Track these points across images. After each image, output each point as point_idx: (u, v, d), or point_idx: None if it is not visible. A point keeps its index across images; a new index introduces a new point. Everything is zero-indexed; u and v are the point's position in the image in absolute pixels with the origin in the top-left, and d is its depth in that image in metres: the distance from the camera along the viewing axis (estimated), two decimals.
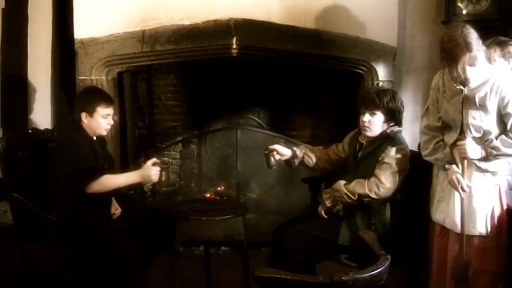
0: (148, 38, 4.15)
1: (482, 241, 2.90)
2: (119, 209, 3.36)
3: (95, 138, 3.25)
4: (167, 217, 3.31)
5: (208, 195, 4.84)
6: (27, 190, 3.16)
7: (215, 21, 4.12)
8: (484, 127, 2.84)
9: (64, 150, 3.13)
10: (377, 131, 3.20)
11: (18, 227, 3.17)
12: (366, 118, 3.20)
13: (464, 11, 4.10)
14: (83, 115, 3.17)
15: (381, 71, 4.18)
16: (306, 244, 3.12)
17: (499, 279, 2.94)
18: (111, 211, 3.32)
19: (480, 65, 2.81)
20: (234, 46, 4.16)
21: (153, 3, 4.13)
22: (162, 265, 3.32)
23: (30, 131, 3.57)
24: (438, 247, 3.06)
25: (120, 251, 2.98)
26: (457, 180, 2.86)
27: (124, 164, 4.74)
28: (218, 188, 4.96)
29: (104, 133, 3.29)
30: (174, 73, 5.04)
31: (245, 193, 4.98)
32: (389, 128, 3.20)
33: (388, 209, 3.18)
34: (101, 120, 3.19)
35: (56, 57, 4.67)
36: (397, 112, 3.20)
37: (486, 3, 4.08)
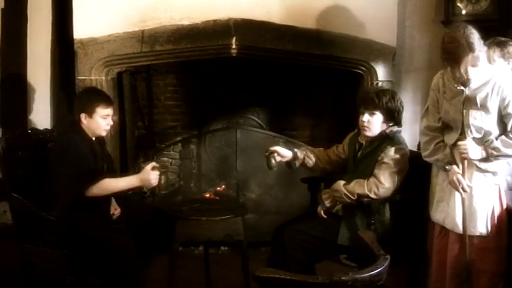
0: (147, 38, 4.14)
1: (482, 241, 2.91)
2: (118, 209, 3.36)
3: (94, 138, 3.25)
4: (166, 217, 3.31)
5: (207, 195, 4.84)
6: (26, 190, 3.16)
7: (215, 21, 4.12)
8: (485, 127, 2.84)
9: (63, 151, 3.12)
10: (376, 131, 3.21)
11: (17, 227, 3.17)
12: (365, 118, 3.20)
13: (463, 11, 4.10)
14: (82, 116, 3.17)
15: (380, 71, 4.18)
16: (305, 244, 3.12)
17: (499, 279, 2.94)
18: (110, 211, 3.32)
19: (481, 66, 2.81)
20: (234, 46, 4.15)
21: (153, 3, 4.12)
22: (162, 265, 3.32)
23: (29, 131, 3.57)
24: (438, 247, 3.06)
25: (119, 251, 2.98)
26: (458, 180, 2.86)
27: (123, 164, 4.74)
28: (218, 188, 4.95)
29: (104, 134, 3.29)
30: (174, 73, 5.03)
31: (244, 193, 4.97)
32: (388, 128, 3.21)
33: (388, 209, 3.18)
34: (101, 120, 3.19)
35: (56, 57, 4.66)
36: (397, 112, 3.20)
37: (485, 3, 4.07)
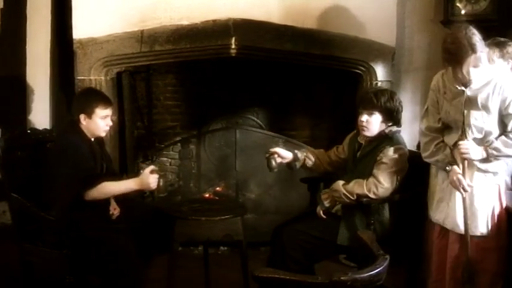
0: (147, 38, 4.14)
1: (482, 241, 2.91)
2: (118, 209, 3.36)
3: (93, 139, 3.24)
4: (166, 217, 3.31)
5: (207, 195, 4.84)
6: (25, 190, 3.16)
7: (214, 21, 4.12)
8: (486, 128, 2.84)
9: (63, 152, 3.12)
10: (375, 131, 3.21)
11: (16, 227, 3.16)
12: (364, 118, 3.20)
13: (462, 11, 4.09)
14: (82, 117, 3.16)
15: (380, 71, 4.17)
16: (305, 244, 3.12)
17: (498, 278, 2.95)
18: (109, 211, 3.32)
19: (483, 66, 2.80)
20: (233, 46, 4.15)
21: (152, 3, 4.12)
22: (161, 265, 3.33)
23: (28, 131, 3.57)
24: (438, 247, 3.06)
25: (119, 251, 2.98)
26: (458, 180, 2.85)
27: (123, 164, 4.74)
28: (217, 188, 4.95)
29: (103, 134, 3.29)
30: (173, 73, 5.03)
31: (244, 193, 4.97)
32: (387, 128, 3.21)
33: (387, 209, 3.19)
34: (100, 121, 3.18)
35: (55, 57, 4.65)
36: (395, 112, 3.20)
37: (485, 3, 4.06)
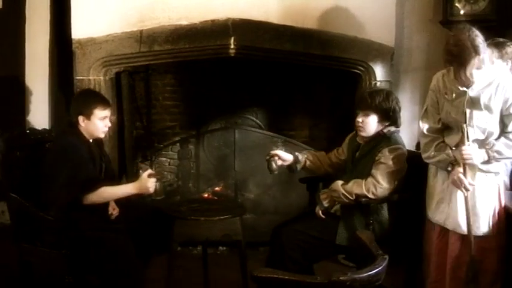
0: (146, 38, 4.14)
1: (483, 241, 2.90)
2: (117, 209, 3.36)
3: (91, 140, 3.24)
4: (165, 217, 3.30)
5: (206, 195, 4.84)
6: (24, 190, 3.15)
7: (213, 21, 4.12)
8: (489, 128, 2.84)
9: (62, 153, 3.10)
10: (371, 131, 3.20)
11: (15, 227, 3.16)
12: (360, 118, 3.21)
13: (461, 11, 4.09)
14: (80, 118, 3.16)
15: (379, 71, 4.18)
16: (304, 244, 3.12)
17: (498, 277, 2.95)
18: (108, 211, 3.32)
19: (485, 67, 2.80)
20: (232, 46, 4.15)
21: (151, 3, 4.12)
22: (160, 265, 3.32)
23: (27, 131, 3.56)
24: (437, 248, 3.05)
25: (118, 251, 2.98)
26: (460, 180, 2.84)
27: (122, 165, 4.74)
28: (216, 188, 4.95)
29: (102, 135, 3.28)
30: (172, 73, 5.03)
31: (243, 193, 4.97)
32: (386, 128, 3.20)
33: (386, 209, 3.18)
34: (99, 122, 3.18)
35: (54, 57, 4.66)
36: (391, 112, 3.18)
37: (484, 3, 4.06)
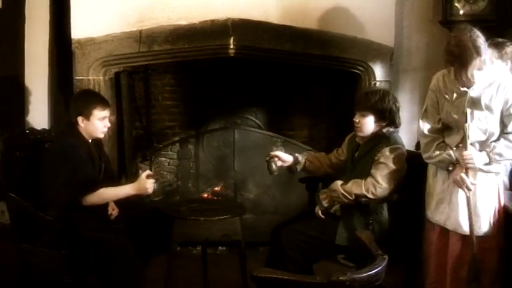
0: (145, 38, 4.14)
1: (483, 241, 2.90)
2: (116, 209, 3.36)
3: (91, 140, 3.24)
4: (164, 217, 3.30)
5: (205, 195, 4.83)
6: (24, 190, 3.15)
7: (212, 21, 4.12)
8: (490, 129, 2.83)
9: (61, 154, 3.09)
10: (368, 131, 3.20)
11: (15, 227, 3.16)
12: (356, 119, 3.21)
13: (461, 11, 4.09)
14: (80, 119, 3.15)
15: (378, 71, 4.18)
16: (303, 244, 3.12)
17: (499, 277, 2.95)
18: (108, 211, 3.32)
19: (486, 68, 2.79)
20: (231, 46, 4.15)
21: (150, 3, 4.12)
22: (160, 265, 3.32)
23: (27, 131, 3.56)
24: (437, 248, 3.05)
25: (117, 252, 2.98)
26: (462, 179, 2.84)
27: (121, 165, 4.74)
28: (215, 188, 4.95)
29: (101, 136, 3.28)
30: (171, 73, 5.03)
31: (242, 193, 4.97)
32: (385, 128, 3.20)
33: (385, 209, 3.18)
34: (98, 123, 3.17)
35: (53, 57, 4.66)
36: (388, 112, 3.17)
37: (483, 3, 4.06)
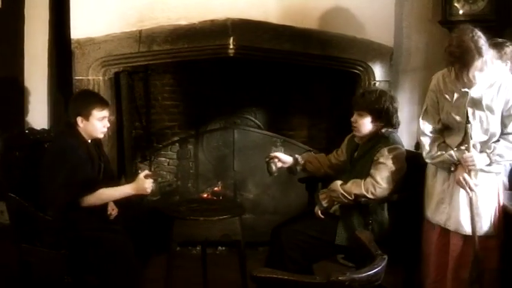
0: (145, 38, 4.14)
1: (484, 240, 2.91)
2: (116, 209, 3.36)
3: (90, 140, 3.24)
4: (164, 217, 3.30)
5: (205, 195, 4.82)
6: (23, 190, 3.15)
7: (212, 21, 4.12)
8: (491, 129, 2.83)
9: (61, 154, 3.09)
10: (364, 131, 3.20)
11: (14, 227, 3.16)
12: (353, 118, 3.22)
13: (460, 11, 4.09)
14: (79, 119, 3.15)
15: (378, 71, 4.18)
16: (303, 244, 3.12)
17: (499, 276, 2.96)
18: (107, 211, 3.32)
19: (487, 68, 2.78)
20: (231, 46, 4.15)
21: (150, 3, 4.12)
22: (159, 265, 3.32)
23: (26, 131, 3.56)
24: (438, 248, 3.05)
25: (116, 252, 2.98)
26: (465, 180, 2.84)
27: (121, 165, 4.74)
28: (215, 188, 4.94)
29: (101, 136, 3.28)
30: (171, 73, 5.03)
31: (242, 193, 4.97)
32: (384, 128, 3.20)
33: (385, 209, 3.18)
34: (97, 123, 3.17)
35: (53, 57, 4.65)
36: (384, 112, 3.16)
37: (483, 3, 4.06)
